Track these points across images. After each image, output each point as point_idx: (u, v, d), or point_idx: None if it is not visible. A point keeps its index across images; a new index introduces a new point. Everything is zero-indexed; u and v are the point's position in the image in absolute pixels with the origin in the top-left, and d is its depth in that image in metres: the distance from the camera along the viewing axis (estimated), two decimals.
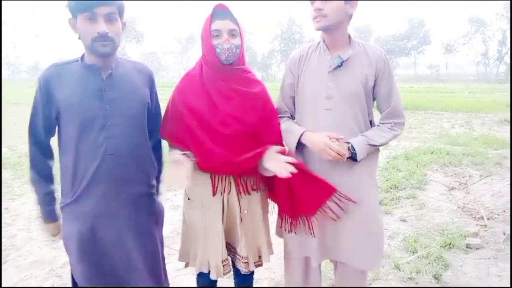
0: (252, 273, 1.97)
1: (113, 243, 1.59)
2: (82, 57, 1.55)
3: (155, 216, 1.75)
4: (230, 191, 1.76)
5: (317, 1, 1.58)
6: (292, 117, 1.87)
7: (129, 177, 1.59)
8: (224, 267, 1.78)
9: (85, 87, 1.49)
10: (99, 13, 1.41)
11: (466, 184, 4.87)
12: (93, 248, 1.56)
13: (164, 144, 1.85)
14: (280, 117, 1.87)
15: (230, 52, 1.62)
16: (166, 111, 1.79)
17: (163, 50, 77.27)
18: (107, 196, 1.54)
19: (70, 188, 1.55)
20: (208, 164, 1.71)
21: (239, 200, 1.77)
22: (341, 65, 1.66)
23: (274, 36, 65.99)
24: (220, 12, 1.63)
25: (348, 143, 1.63)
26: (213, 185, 1.74)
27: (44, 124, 1.54)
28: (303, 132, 1.70)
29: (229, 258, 1.86)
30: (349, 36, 1.72)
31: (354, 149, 1.61)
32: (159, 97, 1.84)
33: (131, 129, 1.57)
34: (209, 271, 1.80)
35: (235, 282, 2.05)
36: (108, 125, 1.50)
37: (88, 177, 1.51)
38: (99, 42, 1.43)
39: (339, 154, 1.58)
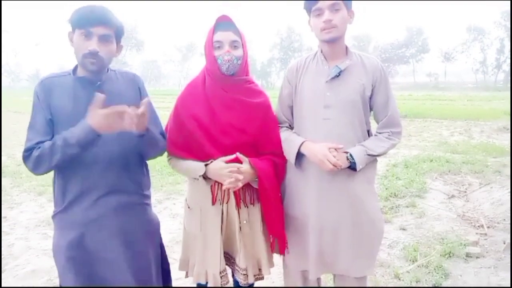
0: (252, 285, 1.95)
1: (102, 253, 1.58)
2: (74, 70, 1.59)
3: (148, 226, 1.73)
4: (228, 200, 1.76)
5: (326, 12, 1.60)
6: (290, 127, 1.88)
7: (119, 186, 1.59)
8: (222, 278, 1.77)
9: (75, 99, 1.53)
10: (94, 33, 1.46)
11: (465, 192, 4.87)
12: (82, 257, 1.56)
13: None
14: (279, 127, 1.87)
15: (231, 63, 1.64)
16: (169, 120, 1.80)
17: (163, 58, 77.67)
18: (96, 204, 1.55)
19: (61, 197, 1.57)
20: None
21: (238, 210, 1.77)
22: (339, 75, 1.68)
23: (273, 45, 66.38)
24: (222, 23, 1.65)
25: (347, 152, 1.64)
26: (212, 194, 1.74)
27: (44, 128, 1.52)
28: (303, 142, 1.70)
29: (228, 269, 1.85)
30: (346, 47, 1.74)
31: (353, 159, 1.62)
32: (159, 105, 1.85)
33: (120, 139, 1.57)
34: (207, 282, 1.79)
35: None
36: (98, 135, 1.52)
37: (78, 186, 1.53)
38: (88, 59, 1.48)
39: (336, 166, 1.59)
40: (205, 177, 1.69)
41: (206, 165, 1.67)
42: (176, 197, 4.85)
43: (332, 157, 1.59)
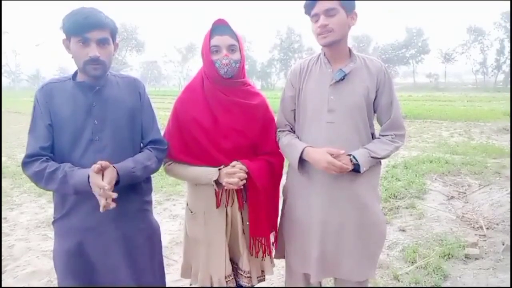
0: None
1: (101, 260, 1.57)
2: (74, 75, 1.59)
3: (148, 233, 1.71)
4: (233, 203, 1.77)
5: (321, 17, 1.59)
6: (292, 130, 1.87)
7: (118, 192, 1.53)
8: (227, 283, 1.77)
9: (75, 103, 1.52)
10: (91, 38, 1.45)
11: (465, 193, 4.87)
12: (81, 264, 1.55)
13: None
14: (280, 131, 1.86)
15: (229, 67, 1.65)
16: (168, 124, 1.80)
17: (164, 59, 77.44)
18: (96, 211, 1.49)
19: (61, 203, 1.56)
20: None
21: (241, 212, 1.78)
22: (343, 78, 1.67)
23: (273, 45, 66.38)
24: (219, 27, 1.66)
25: (350, 155, 1.63)
26: (217, 197, 1.74)
27: (44, 133, 1.52)
28: (304, 148, 1.69)
29: (232, 274, 1.85)
30: (350, 50, 1.74)
31: (356, 161, 1.62)
32: (159, 105, 1.87)
33: (120, 143, 1.57)
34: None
35: None
36: (96, 139, 1.52)
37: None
38: (91, 66, 1.47)
39: (342, 169, 1.59)
40: (216, 181, 1.70)
41: (219, 169, 1.68)
42: (176, 198, 4.86)
43: (337, 162, 1.57)
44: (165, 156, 1.74)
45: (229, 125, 1.71)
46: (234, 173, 1.65)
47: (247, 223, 1.79)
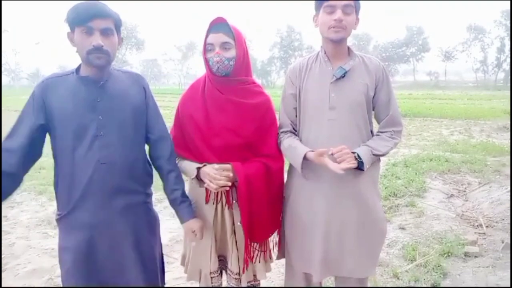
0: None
1: (108, 255, 1.57)
2: (78, 69, 1.57)
3: (151, 225, 1.73)
4: (220, 201, 1.77)
5: (338, 11, 1.60)
6: (294, 129, 1.85)
7: (123, 186, 1.57)
8: (212, 279, 1.78)
9: (78, 98, 1.51)
10: (95, 27, 1.44)
11: (465, 191, 4.88)
12: (89, 260, 1.55)
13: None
14: (283, 132, 1.84)
15: (221, 64, 1.65)
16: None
17: (164, 57, 77.19)
18: (101, 206, 1.52)
19: (66, 199, 1.54)
20: None
21: (232, 212, 1.77)
22: (344, 75, 1.69)
23: (273, 44, 66.47)
24: (215, 25, 1.67)
25: (354, 153, 1.63)
26: (206, 192, 1.76)
27: (23, 133, 1.51)
28: (305, 154, 1.67)
29: (222, 272, 1.86)
30: (348, 48, 1.75)
31: (360, 158, 1.62)
32: (160, 103, 1.86)
33: (125, 138, 1.57)
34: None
35: None
36: (101, 135, 1.51)
37: (82, 187, 1.50)
38: (94, 55, 1.46)
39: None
40: (199, 179, 1.71)
41: (198, 168, 1.69)
42: None
43: (339, 169, 1.55)
44: None
45: (221, 124, 1.70)
46: (215, 178, 1.62)
47: (239, 223, 1.76)
